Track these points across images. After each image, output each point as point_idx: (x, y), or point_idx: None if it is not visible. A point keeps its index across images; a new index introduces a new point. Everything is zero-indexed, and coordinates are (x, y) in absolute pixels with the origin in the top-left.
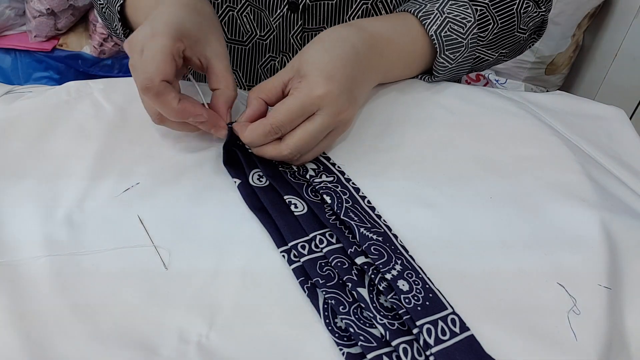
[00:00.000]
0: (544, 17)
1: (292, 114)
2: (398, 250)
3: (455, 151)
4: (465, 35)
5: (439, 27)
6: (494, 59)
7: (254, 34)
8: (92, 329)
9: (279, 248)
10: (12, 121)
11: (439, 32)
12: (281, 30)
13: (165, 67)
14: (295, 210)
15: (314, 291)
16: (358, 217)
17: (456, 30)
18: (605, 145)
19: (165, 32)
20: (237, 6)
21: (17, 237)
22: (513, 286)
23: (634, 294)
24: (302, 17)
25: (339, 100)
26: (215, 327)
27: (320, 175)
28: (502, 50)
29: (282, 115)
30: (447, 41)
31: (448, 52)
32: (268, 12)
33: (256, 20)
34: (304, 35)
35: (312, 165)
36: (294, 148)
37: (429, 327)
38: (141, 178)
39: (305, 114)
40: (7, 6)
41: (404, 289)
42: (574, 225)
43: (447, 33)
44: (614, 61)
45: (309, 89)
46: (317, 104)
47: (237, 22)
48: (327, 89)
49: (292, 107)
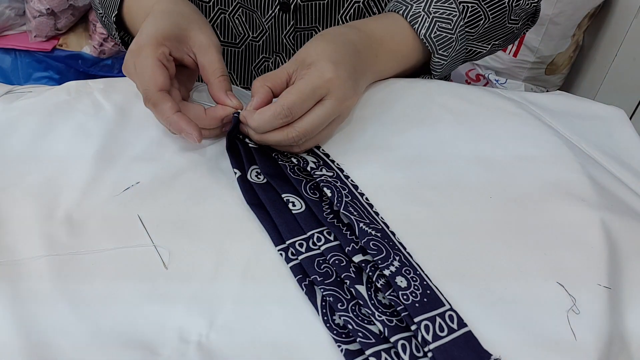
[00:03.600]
0: (536, 6)
1: (304, 96)
2: (396, 247)
3: (455, 151)
4: (453, 31)
5: (427, 29)
6: (487, 51)
7: (246, 35)
8: (92, 329)
9: (277, 246)
10: (12, 121)
11: (429, 34)
12: (273, 31)
13: (157, 76)
14: (293, 209)
15: (311, 289)
16: (357, 212)
17: (444, 28)
18: (605, 145)
19: (147, 43)
20: (228, 8)
21: (17, 237)
22: (512, 285)
23: (634, 294)
24: (294, 17)
25: (346, 86)
26: (215, 327)
27: (320, 169)
28: (494, 42)
29: (294, 96)
30: (438, 41)
31: (442, 51)
32: (260, 13)
33: (248, 22)
34: (296, 35)
35: (312, 158)
36: (303, 131)
37: (426, 323)
38: (141, 178)
39: (315, 97)
40: (7, 6)
41: (402, 285)
42: (574, 225)
43: (437, 33)
44: (614, 61)
45: (320, 73)
46: (327, 87)
47: (230, 24)
48: (336, 73)
49: (304, 89)
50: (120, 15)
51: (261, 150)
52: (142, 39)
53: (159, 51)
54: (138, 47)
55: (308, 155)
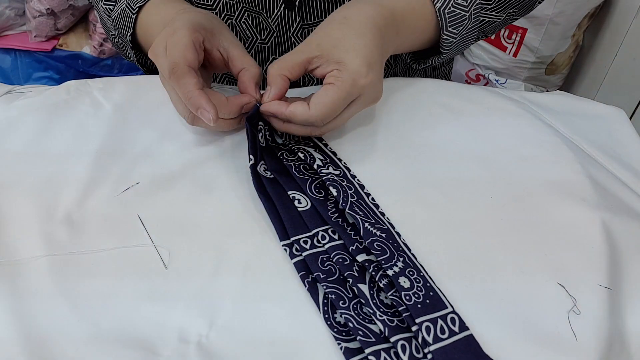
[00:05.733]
0: None
1: (336, 107)
2: (400, 248)
3: (455, 150)
4: (468, 8)
5: (443, 3)
6: (502, 20)
7: (254, 39)
8: (92, 329)
9: (282, 241)
10: (11, 121)
11: (443, 9)
12: (281, 31)
13: (188, 53)
14: (299, 206)
15: (314, 285)
16: (363, 212)
17: (460, 5)
18: (605, 145)
19: (183, 26)
20: (234, 13)
21: (17, 237)
22: (513, 286)
23: (634, 294)
24: (300, 14)
25: (378, 87)
26: (215, 327)
27: (327, 167)
28: (509, 10)
29: (327, 109)
30: (450, 17)
31: (451, 27)
32: (266, 13)
33: (255, 25)
34: (303, 32)
35: (319, 155)
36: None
37: (428, 325)
38: (141, 177)
39: (347, 103)
40: (7, 6)
41: (405, 286)
42: (575, 225)
43: (451, 9)
44: (614, 61)
45: (353, 79)
46: (360, 93)
47: (237, 29)
48: (370, 78)
49: (338, 99)
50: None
51: (268, 149)
52: (178, 24)
53: (194, 35)
54: (174, 29)
55: (315, 152)
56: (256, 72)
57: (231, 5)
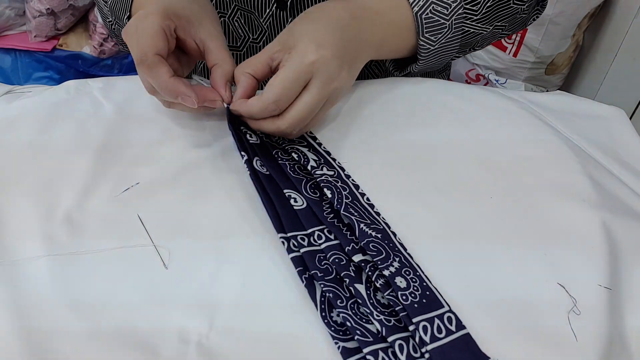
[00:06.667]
0: None
1: (287, 85)
2: (396, 248)
3: (455, 150)
4: (448, 16)
5: (421, 8)
6: (488, 33)
7: (247, 37)
8: (92, 329)
9: (279, 234)
10: (11, 120)
11: (420, 13)
12: (273, 30)
13: (157, 42)
14: (294, 205)
15: (311, 283)
16: (358, 213)
17: (439, 12)
18: (605, 145)
19: (154, 12)
20: (227, 12)
21: (17, 237)
22: (513, 286)
23: (634, 294)
24: (292, 14)
25: (331, 66)
26: (215, 327)
27: (321, 167)
28: (497, 23)
29: (278, 89)
30: (427, 23)
31: (428, 34)
32: (257, 13)
33: (247, 24)
34: None
35: (313, 156)
36: (292, 122)
37: (425, 324)
38: (141, 177)
39: (300, 84)
40: (7, 6)
41: (401, 285)
42: (575, 226)
43: (429, 15)
44: (614, 61)
45: (301, 57)
46: (310, 70)
47: (230, 28)
48: (318, 54)
49: (287, 78)
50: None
51: (262, 146)
52: (152, 8)
53: (165, 23)
54: (146, 13)
55: (309, 152)
56: (229, 69)
57: (224, 3)
